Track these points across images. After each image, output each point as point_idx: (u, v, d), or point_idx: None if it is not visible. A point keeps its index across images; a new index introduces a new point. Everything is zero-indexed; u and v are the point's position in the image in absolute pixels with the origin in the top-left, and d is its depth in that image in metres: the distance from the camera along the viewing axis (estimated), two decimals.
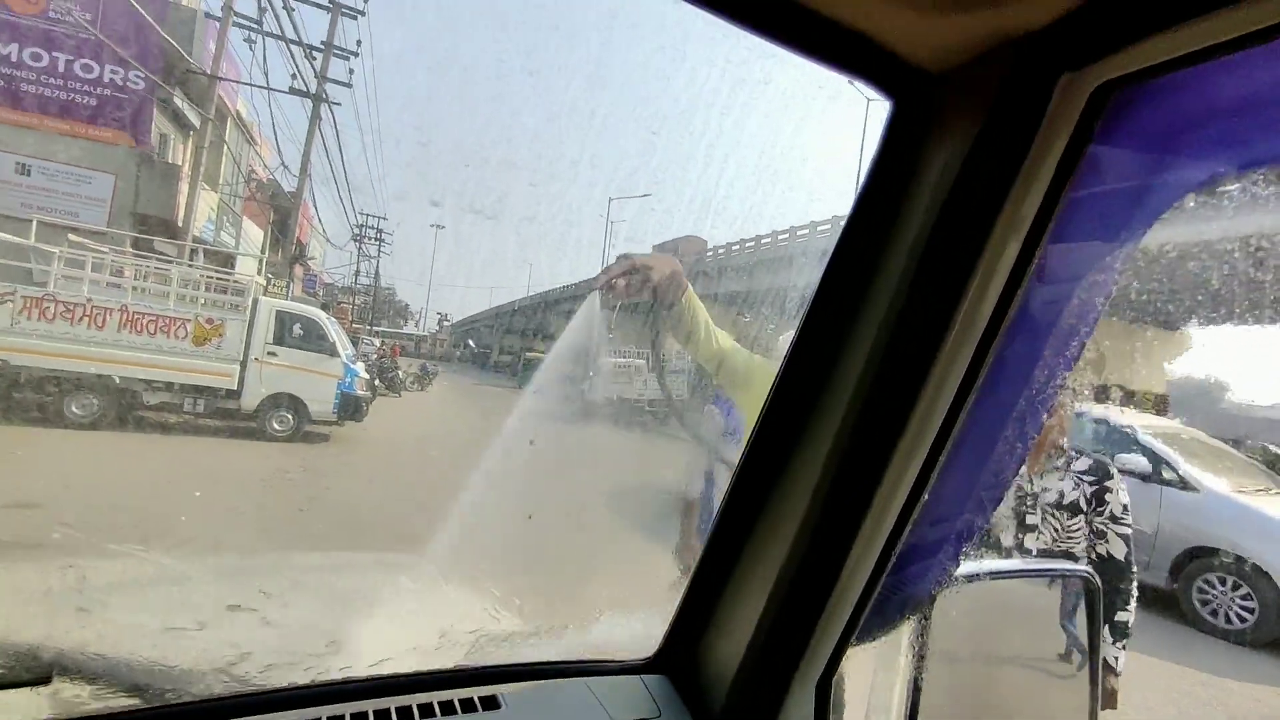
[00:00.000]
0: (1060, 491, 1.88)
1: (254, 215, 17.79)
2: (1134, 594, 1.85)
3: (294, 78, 14.57)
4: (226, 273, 10.41)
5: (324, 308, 13.59)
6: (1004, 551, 1.86)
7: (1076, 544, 1.86)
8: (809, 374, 0.80)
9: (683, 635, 0.97)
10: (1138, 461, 5.72)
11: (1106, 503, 1.86)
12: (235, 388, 8.92)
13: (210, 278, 9.69)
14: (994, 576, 0.96)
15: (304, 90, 14.72)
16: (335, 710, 0.81)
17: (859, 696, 0.87)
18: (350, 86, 15.58)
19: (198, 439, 8.71)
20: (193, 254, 11.07)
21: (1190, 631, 5.35)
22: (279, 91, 14.91)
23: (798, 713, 0.82)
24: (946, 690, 0.85)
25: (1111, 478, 1.88)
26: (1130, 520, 1.87)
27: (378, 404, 11.24)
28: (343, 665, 1.16)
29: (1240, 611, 5.24)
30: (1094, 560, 1.85)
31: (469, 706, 0.85)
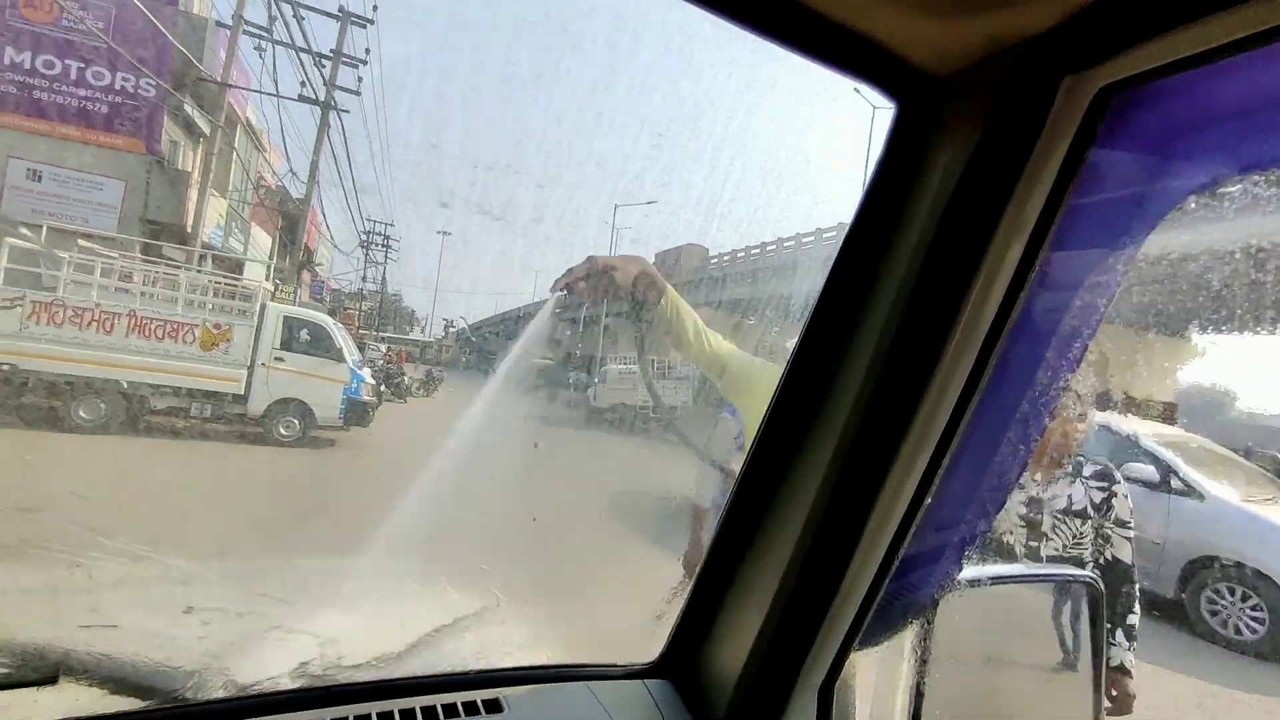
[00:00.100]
0: (1069, 497, 1.89)
1: (262, 221, 17.89)
2: (1138, 597, 1.87)
3: (303, 85, 14.68)
4: (234, 278, 10.49)
5: (331, 313, 13.63)
6: (1015, 558, 1.86)
7: (1085, 549, 1.87)
8: (812, 378, 0.80)
9: (686, 640, 0.97)
10: (1145, 470, 5.68)
11: (1113, 507, 1.87)
12: (242, 392, 8.95)
13: (218, 283, 9.73)
14: (997, 582, 0.96)
15: (313, 98, 14.83)
16: (339, 713, 0.81)
17: (862, 702, 0.86)
18: (359, 94, 15.67)
19: (204, 443, 8.74)
20: (201, 260, 11.13)
21: (1199, 642, 5.29)
22: (288, 99, 15.03)
23: (800, 718, 0.82)
24: (949, 696, 0.84)
25: (1118, 483, 1.90)
26: (1133, 524, 1.88)
27: (383, 409, 11.25)
28: (347, 668, 1.17)
29: (1250, 622, 5.18)
30: (1101, 564, 1.85)
31: (472, 709, 0.85)
